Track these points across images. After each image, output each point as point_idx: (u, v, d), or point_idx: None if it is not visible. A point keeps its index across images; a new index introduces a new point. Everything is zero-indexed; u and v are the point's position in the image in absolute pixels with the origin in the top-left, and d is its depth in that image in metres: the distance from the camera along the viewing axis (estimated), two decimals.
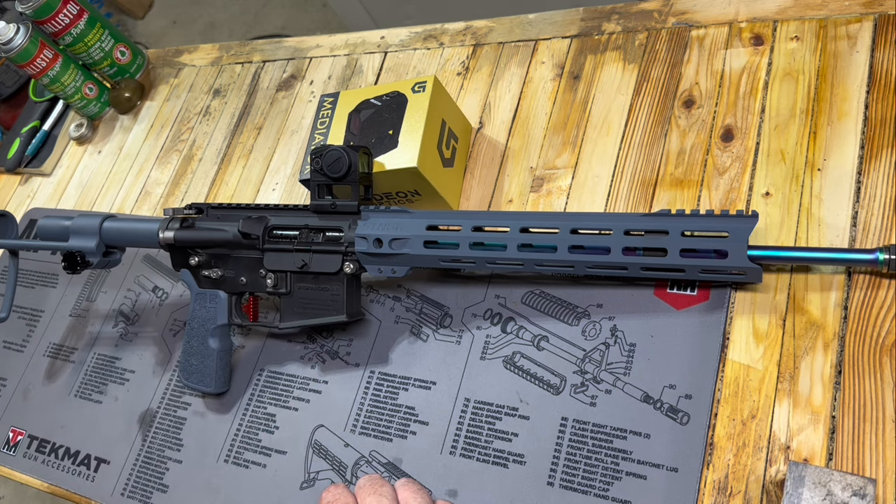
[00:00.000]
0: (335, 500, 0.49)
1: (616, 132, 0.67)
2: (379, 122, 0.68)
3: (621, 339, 0.56)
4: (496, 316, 0.62)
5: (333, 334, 0.68)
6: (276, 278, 0.65)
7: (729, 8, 0.68)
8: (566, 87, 0.72)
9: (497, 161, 0.71)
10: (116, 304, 0.83)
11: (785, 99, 0.61)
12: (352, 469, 0.61)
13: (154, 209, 0.91)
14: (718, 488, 0.49)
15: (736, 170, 0.60)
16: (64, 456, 0.75)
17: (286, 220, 0.65)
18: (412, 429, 0.60)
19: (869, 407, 0.48)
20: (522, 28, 0.79)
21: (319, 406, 0.65)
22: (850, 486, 0.41)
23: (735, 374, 0.52)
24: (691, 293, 0.56)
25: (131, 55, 1.04)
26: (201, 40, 2.50)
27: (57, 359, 0.83)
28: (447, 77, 0.80)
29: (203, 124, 0.96)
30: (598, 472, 0.53)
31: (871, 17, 0.61)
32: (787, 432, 0.49)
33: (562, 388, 0.56)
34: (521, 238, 0.55)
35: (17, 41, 0.95)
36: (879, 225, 0.53)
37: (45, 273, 0.92)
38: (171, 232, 0.68)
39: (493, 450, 0.57)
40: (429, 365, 0.62)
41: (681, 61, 0.68)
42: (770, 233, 0.56)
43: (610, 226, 0.53)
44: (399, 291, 0.67)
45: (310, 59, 0.93)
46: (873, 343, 0.50)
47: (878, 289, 0.51)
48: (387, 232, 0.59)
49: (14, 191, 1.08)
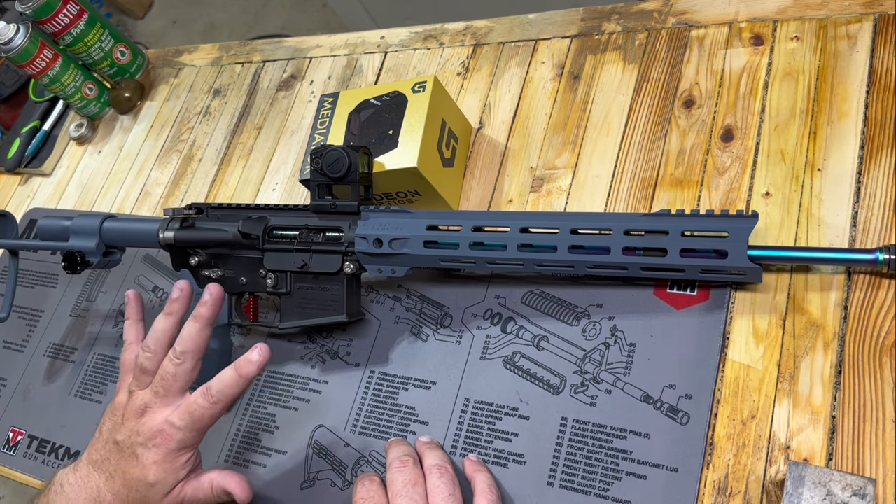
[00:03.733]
0: (368, 497, 0.51)
1: (616, 132, 0.67)
2: (379, 122, 0.68)
3: (621, 339, 0.56)
4: (496, 316, 0.62)
5: (333, 334, 0.68)
6: (276, 278, 0.65)
7: (729, 8, 0.68)
8: (566, 87, 0.72)
9: (497, 161, 0.71)
10: (116, 304, 0.83)
11: (785, 99, 0.61)
12: (352, 469, 0.61)
13: (154, 209, 0.91)
14: (718, 488, 0.49)
15: (736, 170, 0.60)
16: (64, 456, 0.75)
17: (286, 220, 0.65)
18: (412, 429, 0.60)
19: (869, 407, 0.48)
20: (522, 28, 0.79)
21: (319, 406, 0.65)
22: (850, 486, 0.41)
23: (735, 374, 0.52)
24: (691, 293, 0.56)
25: (131, 55, 1.04)
26: (201, 40, 2.50)
27: (57, 359, 0.83)
28: (447, 77, 0.80)
29: (203, 124, 0.96)
30: (598, 472, 0.53)
31: (871, 17, 0.61)
32: (787, 432, 0.49)
33: (562, 388, 0.56)
34: (521, 238, 0.55)
35: (17, 41, 0.95)
36: (879, 225, 0.53)
37: (45, 273, 0.92)
38: (171, 232, 0.68)
39: (493, 450, 0.57)
40: (429, 365, 0.62)
41: (681, 61, 0.68)
42: (770, 233, 0.56)
43: (610, 226, 0.53)
44: (399, 291, 0.67)
45: (310, 59, 0.93)
46: (873, 343, 0.50)
47: (878, 289, 0.51)
48: (387, 232, 0.59)
49: (14, 191, 1.08)
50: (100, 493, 0.56)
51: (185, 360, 0.55)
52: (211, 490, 0.56)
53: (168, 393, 0.55)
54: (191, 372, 0.55)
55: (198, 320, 0.56)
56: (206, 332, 0.56)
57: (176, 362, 0.55)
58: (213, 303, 0.56)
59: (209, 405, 0.54)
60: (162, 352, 0.56)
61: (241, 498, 0.56)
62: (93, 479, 0.56)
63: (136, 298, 0.64)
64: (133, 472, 0.55)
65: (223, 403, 0.54)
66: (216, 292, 0.57)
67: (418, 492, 0.51)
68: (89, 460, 0.57)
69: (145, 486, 0.55)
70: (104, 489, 0.56)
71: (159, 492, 0.55)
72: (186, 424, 0.54)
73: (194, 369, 0.56)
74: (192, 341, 0.55)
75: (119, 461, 0.56)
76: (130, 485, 0.55)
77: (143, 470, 0.55)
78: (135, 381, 0.57)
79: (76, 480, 0.57)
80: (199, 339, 0.55)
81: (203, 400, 0.54)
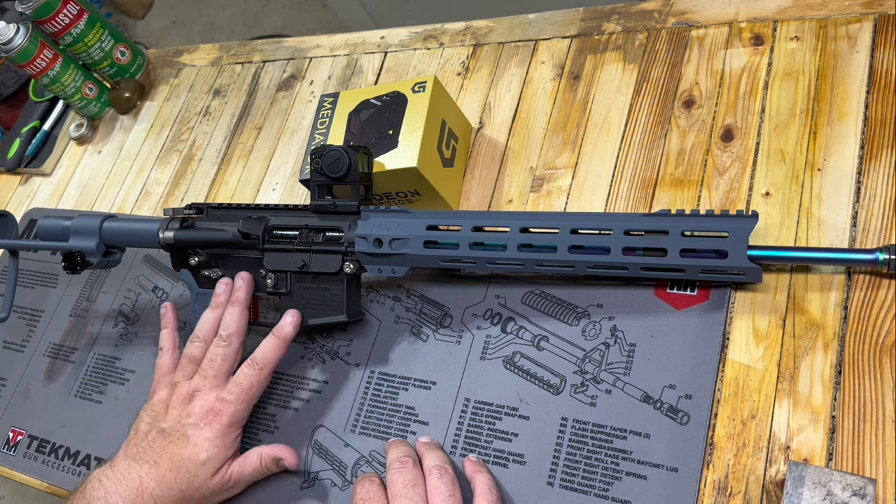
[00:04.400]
0: (368, 498, 0.51)
1: (616, 132, 0.67)
2: (379, 122, 0.68)
3: (621, 339, 0.56)
4: (496, 316, 0.62)
5: (333, 334, 0.68)
6: (276, 278, 0.65)
7: (729, 8, 0.68)
8: (566, 87, 0.72)
9: (497, 161, 0.71)
10: (116, 304, 0.83)
11: (785, 99, 0.61)
12: (352, 469, 0.61)
13: (154, 209, 0.91)
14: (718, 488, 0.49)
15: (736, 170, 0.60)
16: (64, 456, 0.75)
17: (286, 220, 0.65)
18: (412, 429, 0.60)
19: (869, 407, 0.48)
20: (522, 28, 0.79)
21: (319, 406, 0.65)
22: (850, 486, 0.41)
23: (735, 374, 0.52)
24: (691, 293, 0.56)
25: (131, 55, 1.04)
26: (201, 40, 2.50)
27: (57, 359, 0.83)
28: (447, 77, 0.80)
29: (203, 124, 0.96)
30: (598, 472, 0.53)
31: (871, 17, 0.61)
32: (787, 432, 0.49)
33: (562, 388, 0.56)
34: (521, 238, 0.55)
35: (17, 41, 0.95)
36: (879, 225, 0.53)
37: (45, 273, 0.92)
38: (171, 232, 0.68)
39: (493, 450, 0.57)
40: (429, 365, 0.62)
41: (681, 61, 0.68)
42: (770, 233, 0.56)
43: (610, 226, 0.53)
44: (399, 291, 0.67)
45: (310, 59, 0.93)
46: (873, 343, 0.50)
47: (878, 289, 0.51)
48: (387, 232, 0.59)
49: (14, 191, 1.08)
50: (142, 483, 0.56)
51: (231, 342, 0.60)
52: (260, 461, 0.58)
53: (217, 374, 0.59)
54: (236, 353, 0.60)
55: (236, 304, 0.62)
56: (245, 314, 0.62)
57: (223, 345, 0.60)
58: (246, 287, 0.63)
59: (256, 372, 0.59)
60: (210, 340, 0.61)
61: (292, 463, 0.58)
62: (133, 470, 0.57)
63: (173, 309, 0.68)
64: (183, 452, 0.56)
65: (268, 368, 0.59)
66: (247, 277, 0.64)
67: (418, 492, 0.51)
68: (126, 455, 0.58)
69: (196, 465, 0.56)
70: (146, 477, 0.56)
71: (209, 470, 0.56)
72: (237, 396, 0.58)
73: (239, 350, 0.60)
74: (235, 323, 0.61)
75: (165, 446, 0.57)
76: (179, 466, 0.56)
77: (194, 449, 0.56)
78: (180, 373, 0.61)
79: (114, 475, 0.57)
80: (240, 321, 0.61)
81: (249, 369, 0.58)
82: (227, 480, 0.58)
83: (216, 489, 0.58)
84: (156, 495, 0.56)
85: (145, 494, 0.55)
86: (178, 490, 0.56)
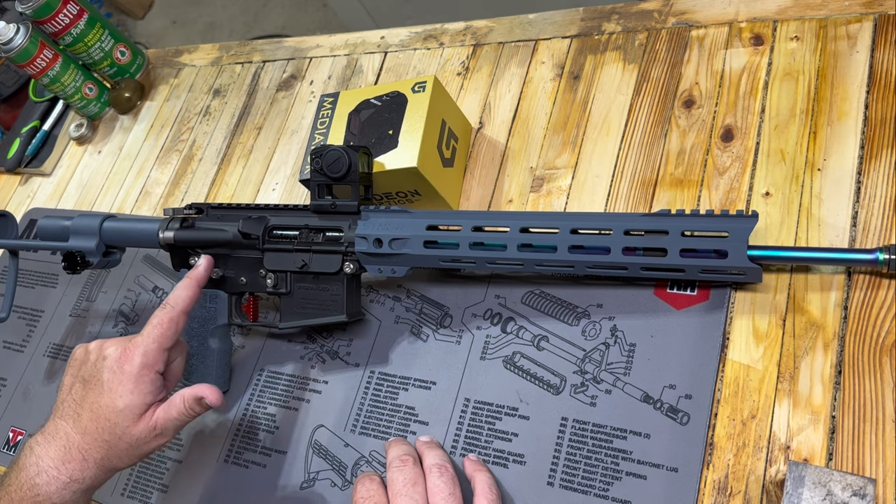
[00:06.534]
0: (368, 497, 0.51)
1: (616, 132, 0.67)
2: (379, 122, 0.68)
3: (621, 339, 0.56)
4: (496, 316, 0.62)
5: (333, 334, 0.68)
6: (276, 278, 0.65)
7: (729, 8, 0.68)
8: (566, 87, 0.72)
9: (497, 161, 0.71)
10: (116, 304, 0.83)
11: (785, 99, 0.61)
12: (352, 469, 0.61)
13: (154, 209, 0.91)
14: (718, 488, 0.49)
15: (736, 170, 0.60)
16: None
17: (286, 220, 0.65)
18: (412, 429, 0.60)
19: (869, 407, 0.48)
20: (522, 28, 0.79)
21: (319, 406, 0.65)
22: (850, 486, 0.41)
23: (735, 374, 0.52)
24: (691, 293, 0.56)
25: (131, 55, 1.04)
26: (201, 40, 2.50)
27: (57, 359, 0.83)
28: (447, 77, 0.80)
29: (203, 124, 0.96)
30: (598, 472, 0.53)
31: (871, 17, 0.61)
32: (787, 432, 0.49)
33: (562, 388, 0.56)
34: (521, 238, 0.55)
35: (17, 41, 0.95)
36: (879, 225, 0.53)
37: (45, 273, 0.92)
38: (171, 232, 0.68)
39: (493, 450, 0.57)
40: (429, 365, 0.62)
41: (681, 61, 0.68)
42: (770, 233, 0.56)
43: (610, 226, 0.53)
44: (399, 291, 0.67)
45: (310, 59, 0.93)
46: (873, 343, 0.50)
47: (878, 289, 0.51)
48: (387, 232, 0.59)
49: (14, 191, 1.08)
50: (68, 438, 0.55)
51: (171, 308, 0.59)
52: (183, 403, 0.57)
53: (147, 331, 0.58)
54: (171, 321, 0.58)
55: (188, 278, 0.62)
56: (193, 288, 0.61)
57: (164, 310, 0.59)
58: (204, 264, 0.64)
59: (168, 311, 0.58)
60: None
61: (214, 401, 0.57)
62: (60, 427, 0.56)
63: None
64: (101, 400, 0.55)
65: (179, 307, 0.59)
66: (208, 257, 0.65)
67: (418, 491, 0.51)
68: (54, 416, 0.58)
69: (114, 412, 0.55)
70: (71, 432, 0.55)
71: (129, 416, 0.55)
72: (147, 334, 0.57)
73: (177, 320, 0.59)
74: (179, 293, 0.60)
75: (85, 396, 0.56)
76: (99, 415, 0.55)
77: (111, 395, 0.55)
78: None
79: (44, 438, 0.56)
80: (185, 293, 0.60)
81: (160, 310, 0.59)
82: (153, 427, 0.56)
83: (143, 437, 0.56)
84: (83, 449, 0.55)
85: (73, 450, 0.55)
86: (103, 440, 0.55)
